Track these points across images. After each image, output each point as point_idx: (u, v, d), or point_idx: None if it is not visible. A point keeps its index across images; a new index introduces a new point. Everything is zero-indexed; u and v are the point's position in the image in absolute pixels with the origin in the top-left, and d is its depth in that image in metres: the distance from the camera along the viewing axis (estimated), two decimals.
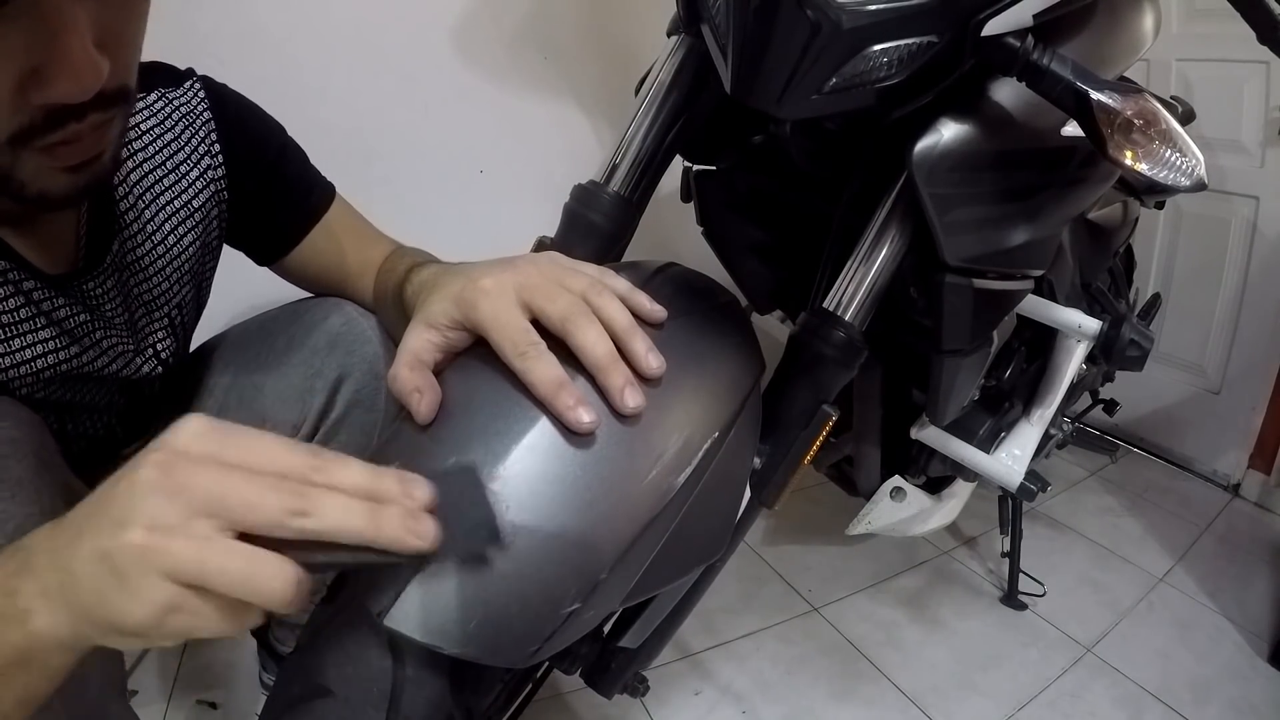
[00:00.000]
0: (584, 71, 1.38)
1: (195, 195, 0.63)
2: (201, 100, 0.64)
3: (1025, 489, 0.92)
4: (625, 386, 0.40)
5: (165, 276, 0.62)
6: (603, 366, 0.40)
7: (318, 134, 1.16)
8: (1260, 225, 1.58)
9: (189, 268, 0.64)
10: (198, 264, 0.66)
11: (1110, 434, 1.82)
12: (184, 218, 0.62)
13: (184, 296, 0.65)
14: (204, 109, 0.64)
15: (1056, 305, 0.89)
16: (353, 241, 0.71)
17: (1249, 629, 1.22)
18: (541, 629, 0.40)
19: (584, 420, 0.39)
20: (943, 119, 0.53)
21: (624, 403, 0.40)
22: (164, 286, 0.62)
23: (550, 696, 0.97)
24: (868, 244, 0.58)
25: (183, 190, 0.62)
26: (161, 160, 0.61)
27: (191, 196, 0.62)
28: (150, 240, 0.60)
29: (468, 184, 1.32)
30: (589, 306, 0.41)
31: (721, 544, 0.52)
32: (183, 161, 0.62)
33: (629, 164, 0.66)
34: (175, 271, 0.63)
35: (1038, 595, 1.26)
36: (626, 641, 0.60)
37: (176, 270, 0.63)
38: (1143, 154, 0.48)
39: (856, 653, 1.13)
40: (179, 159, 0.62)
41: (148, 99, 0.61)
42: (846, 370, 0.57)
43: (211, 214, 0.65)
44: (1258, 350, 1.62)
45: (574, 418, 0.39)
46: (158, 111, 0.61)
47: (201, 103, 0.64)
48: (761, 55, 0.48)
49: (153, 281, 0.61)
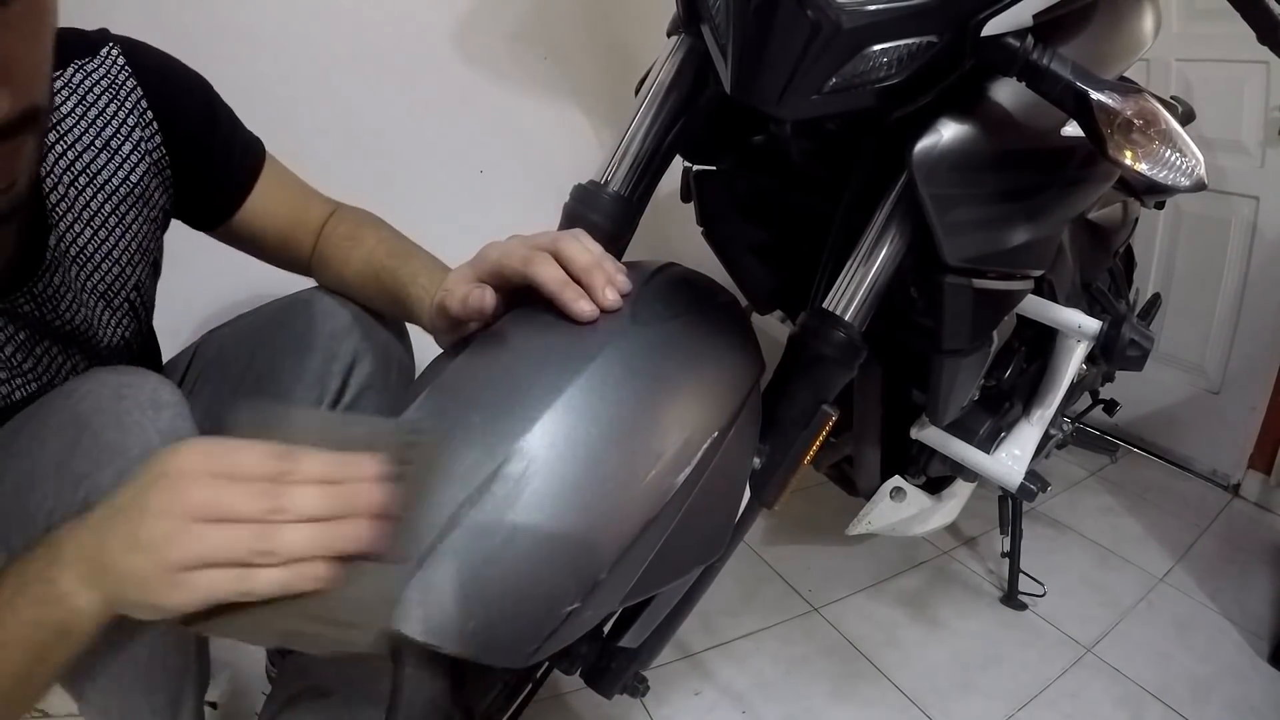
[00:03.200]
0: (584, 71, 1.38)
1: (132, 170, 0.59)
2: (122, 68, 0.58)
3: (1025, 489, 0.92)
4: (606, 285, 0.47)
5: (115, 260, 0.59)
6: (587, 266, 0.48)
7: (318, 134, 1.16)
8: (1260, 225, 1.58)
9: (139, 245, 0.61)
10: (148, 240, 0.62)
11: (1110, 434, 1.81)
12: (124, 195, 0.58)
13: (140, 277, 0.62)
14: (126, 77, 0.59)
15: (1056, 305, 0.89)
16: (290, 200, 0.70)
17: (1249, 629, 1.22)
18: (541, 628, 0.40)
19: (585, 309, 0.46)
20: (943, 119, 0.53)
21: (605, 296, 0.47)
22: (116, 271, 0.59)
23: (550, 696, 0.97)
24: (868, 244, 0.58)
25: (119, 167, 0.58)
26: (90, 141, 0.56)
27: (129, 173, 0.59)
28: (90, 227, 0.57)
29: (468, 184, 1.32)
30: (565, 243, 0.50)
31: (721, 544, 0.52)
32: (113, 136, 0.57)
33: (629, 164, 0.66)
34: (124, 254, 0.60)
35: (1038, 595, 1.26)
36: (626, 641, 0.60)
37: (125, 252, 0.60)
38: (1143, 154, 0.48)
39: (856, 653, 1.13)
40: (108, 134, 0.57)
41: (65, 74, 0.56)
42: (846, 370, 0.57)
43: (153, 186, 0.61)
44: (1258, 350, 1.61)
45: (578, 307, 0.46)
46: (77, 87, 0.56)
47: (123, 70, 0.58)
48: (761, 55, 0.48)
49: (103, 269, 0.58)
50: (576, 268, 0.48)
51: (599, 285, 0.47)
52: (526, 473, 0.40)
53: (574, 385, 0.43)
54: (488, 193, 1.34)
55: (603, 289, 0.47)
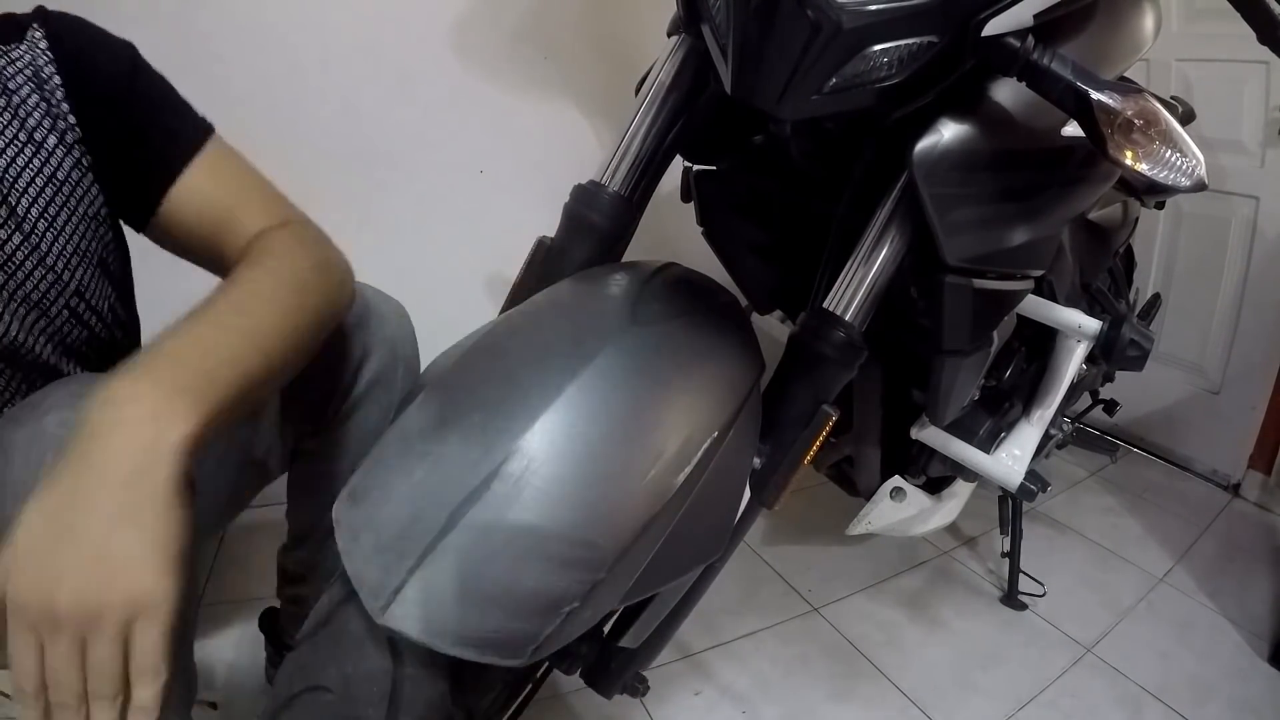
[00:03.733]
0: (584, 71, 1.38)
1: (59, 166, 0.54)
2: (45, 52, 0.53)
3: (1025, 489, 0.92)
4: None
5: (49, 267, 0.54)
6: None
7: (318, 134, 1.17)
8: (1260, 225, 1.58)
9: (74, 248, 0.56)
10: (87, 240, 0.57)
11: (1110, 434, 1.81)
12: (52, 195, 0.53)
13: (82, 280, 0.57)
14: (47, 61, 0.53)
15: (1056, 305, 0.89)
16: (228, 195, 0.58)
17: (1249, 629, 1.22)
18: (540, 628, 0.40)
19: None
20: (943, 119, 0.53)
21: None
22: (50, 279, 0.54)
23: (550, 696, 0.97)
24: (868, 244, 0.58)
25: (44, 163, 0.53)
26: (13, 135, 0.52)
27: (55, 168, 0.54)
28: (20, 232, 0.52)
29: (468, 184, 1.32)
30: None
31: (721, 544, 0.52)
32: (36, 128, 0.53)
33: (629, 164, 0.66)
34: (60, 258, 0.55)
35: (1038, 595, 1.26)
36: (626, 641, 0.60)
37: (61, 256, 0.55)
38: (1143, 154, 0.48)
39: (856, 653, 1.13)
40: (31, 126, 0.52)
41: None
42: (846, 370, 0.57)
43: (80, 182, 0.56)
44: (1258, 350, 1.62)
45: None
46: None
47: (44, 54, 0.53)
48: (761, 55, 0.48)
49: (35, 276, 0.53)
50: None
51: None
52: (526, 472, 0.40)
53: (574, 384, 0.43)
54: (488, 193, 1.34)
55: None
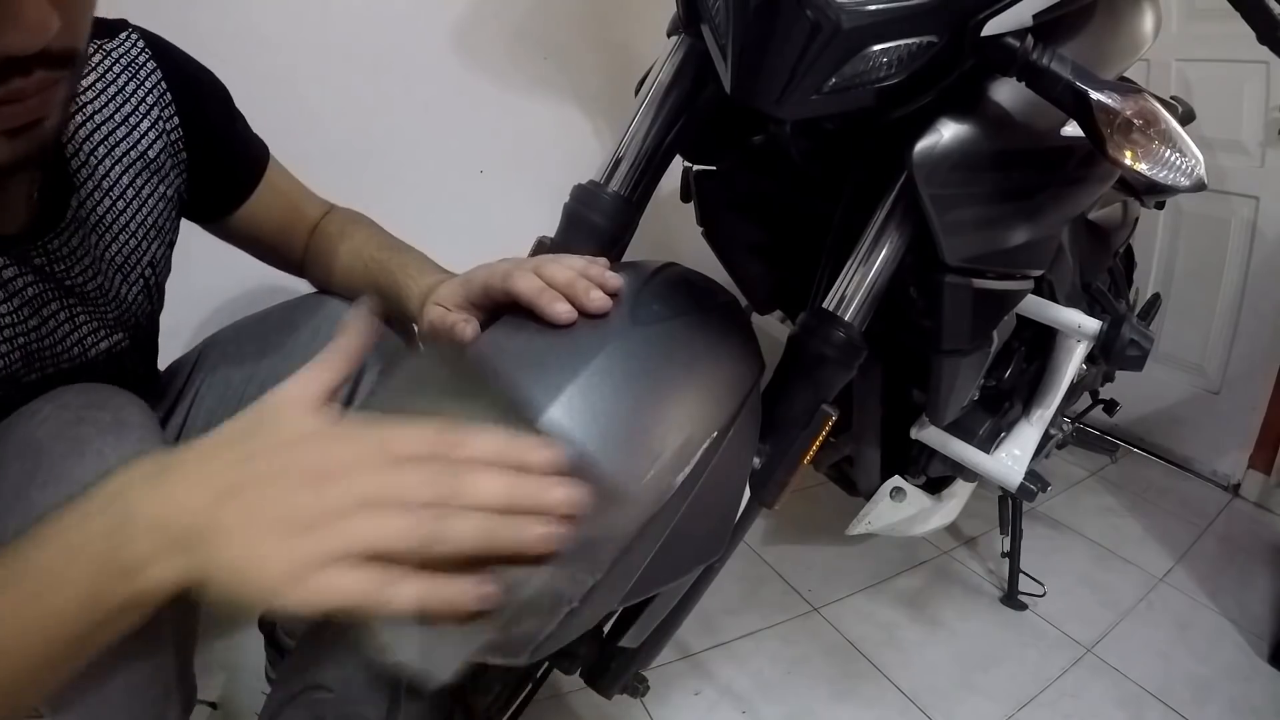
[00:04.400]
0: (584, 71, 1.38)
1: (150, 146, 0.61)
2: (142, 50, 0.61)
3: (1025, 489, 0.92)
4: (588, 290, 0.48)
5: (132, 234, 0.60)
6: (567, 281, 0.48)
7: (318, 134, 1.16)
8: (1260, 225, 1.58)
9: (154, 221, 0.62)
10: (162, 218, 0.63)
11: (1110, 434, 1.81)
12: (140, 169, 0.60)
13: (155, 254, 0.63)
14: (146, 59, 0.61)
15: (1056, 305, 0.89)
16: (288, 201, 0.73)
17: (1249, 629, 1.22)
18: (539, 628, 0.40)
19: (561, 310, 0.47)
20: (943, 119, 0.53)
21: (589, 300, 0.47)
22: (133, 244, 0.61)
23: (550, 696, 0.97)
24: (868, 244, 0.58)
25: (136, 142, 0.60)
26: (110, 114, 0.58)
27: (146, 147, 0.60)
28: (109, 196, 0.58)
29: (468, 184, 1.32)
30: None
31: (721, 544, 0.52)
32: (131, 113, 0.59)
33: (629, 164, 0.66)
34: (141, 227, 0.61)
35: (1038, 595, 1.26)
36: (626, 641, 0.60)
37: (142, 225, 0.61)
38: (1142, 154, 0.48)
39: (856, 653, 1.13)
40: (126, 111, 0.59)
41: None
42: (846, 370, 0.57)
43: (167, 165, 0.63)
44: (1258, 350, 1.61)
45: (554, 310, 0.47)
46: (97, 65, 0.58)
47: (142, 53, 0.61)
48: (761, 56, 0.48)
49: (120, 240, 0.60)
50: (557, 285, 0.49)
51: (581, 292, 0.48)
52: None
53: (573, 384, 0.43)
54: (488, 193, 1.34)
55: (585, 294, 0.48)
